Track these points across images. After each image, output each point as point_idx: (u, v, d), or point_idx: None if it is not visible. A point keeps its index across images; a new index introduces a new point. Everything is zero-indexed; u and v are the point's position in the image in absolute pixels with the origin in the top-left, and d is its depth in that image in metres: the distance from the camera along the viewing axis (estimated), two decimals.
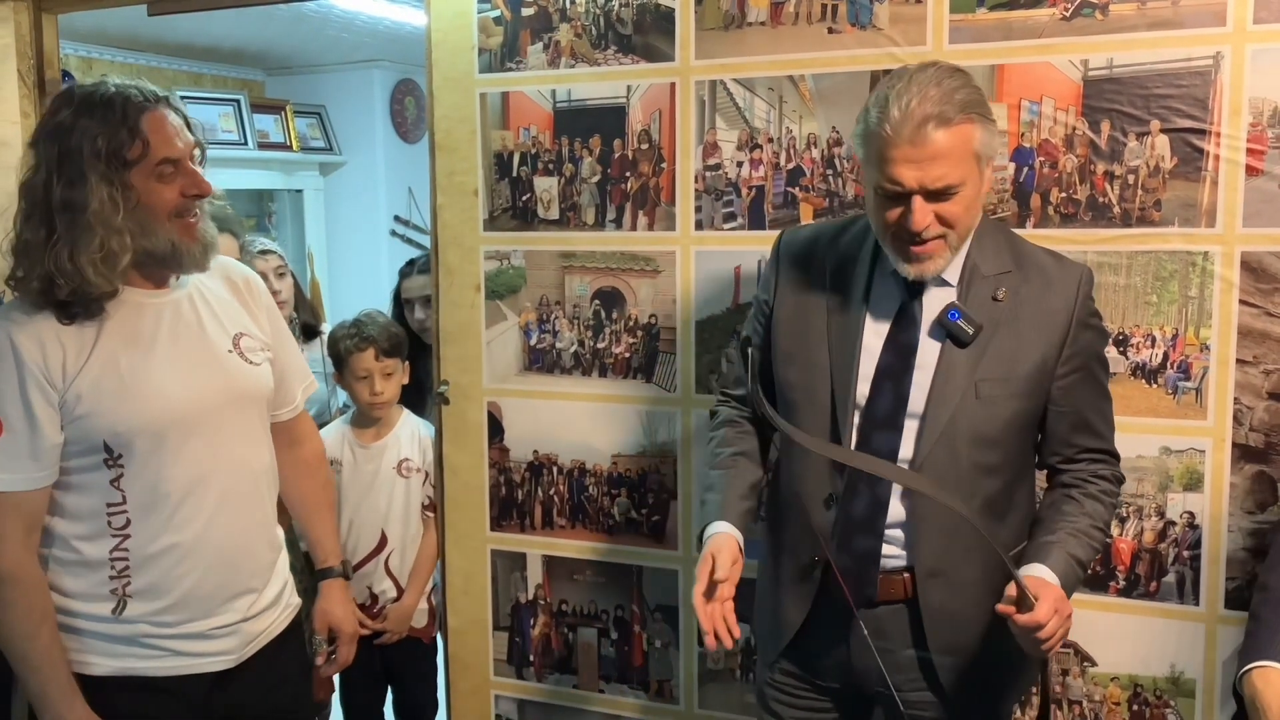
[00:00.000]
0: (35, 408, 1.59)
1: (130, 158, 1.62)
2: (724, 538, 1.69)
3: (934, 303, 1.67)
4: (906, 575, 1.68)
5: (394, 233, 5.73)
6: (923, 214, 1.56)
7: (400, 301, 3.15)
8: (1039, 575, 1.57)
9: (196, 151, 1.70)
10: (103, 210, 1.59)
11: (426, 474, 2.75)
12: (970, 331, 1.63)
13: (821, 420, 1.71)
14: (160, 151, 1.64)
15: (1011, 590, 1.52)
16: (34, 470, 1.62)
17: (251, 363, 1.81)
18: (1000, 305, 1.64)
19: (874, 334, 1.70)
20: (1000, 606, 1.51)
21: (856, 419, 1.68)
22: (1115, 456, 1.75)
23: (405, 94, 5.76)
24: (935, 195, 1.56)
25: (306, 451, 2.04)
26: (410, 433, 2.78)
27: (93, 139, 1.59)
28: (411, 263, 3.18)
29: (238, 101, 5.10)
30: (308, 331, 3.07)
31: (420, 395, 2.88)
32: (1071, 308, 1.65)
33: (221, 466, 1.73)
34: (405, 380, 2.80)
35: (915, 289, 1.68)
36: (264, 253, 2.99)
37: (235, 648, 1.76)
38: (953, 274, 1.67)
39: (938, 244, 1.60)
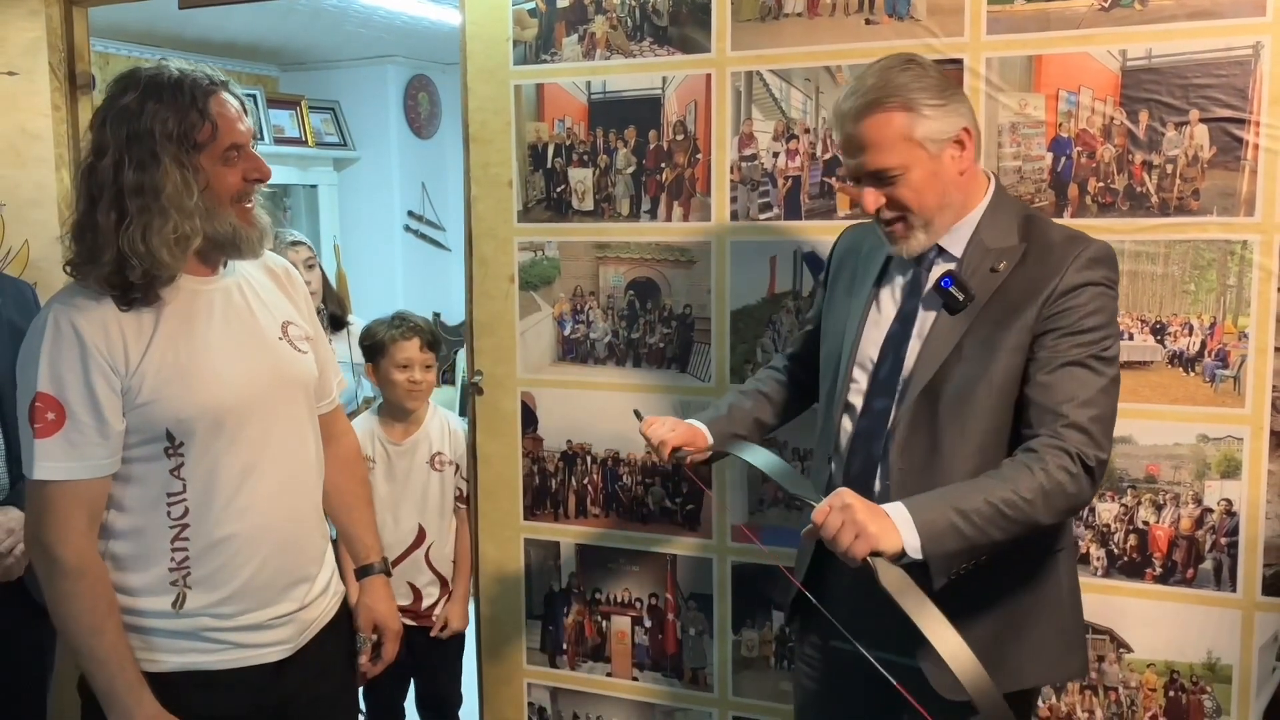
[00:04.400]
0: (99, 394, 1.59)
1: (200, 140, 1.61)
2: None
3: (938, 275, 1.73)
4: None
5: (408, 228, 5.75)
6: (869, 198, 1.68)
7: None
8: (888, 510, 1.52)
9: (253, 137, 1.71)
10: (176, 193, 1.58)
11: (457, 466, 2.76)
12: (961, 298, 1.67)
13: (830, 385, 1.83)
14: (228, 136, 1.64)
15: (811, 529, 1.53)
16: (98, 459, 1.61)
17: (299, 350, 1.82)
18: (997, 275, 1.67)
19: (889, 306, 1.78)
20: (804, 532, 1.54)
21: (866, 384, 1.76)
22: (1075, 427, 1.58)
23: (419, 89, 5.78)
24: (876, 180, 1.67)
25: (343, 447, 2.03)
26: (439, 425, 2.79)
27: (163, 121, 1.58)
28: None
29: (254, 97, 5.11)
30: (335, 323, 3.09)
31: None
32: (1062, 273, 1.63)
33: (276, 454, 1.73)
34: (435, 381, 2.80)
35: (922, 263, 1.75)
36: (295, 244, 3.01)
37: (291, 637, 1.76)
38: (958, 248, 1.72)
39: (899, 226, 1.70)
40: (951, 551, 1.53)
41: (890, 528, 1.48)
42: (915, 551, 1.49)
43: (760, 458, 1.67)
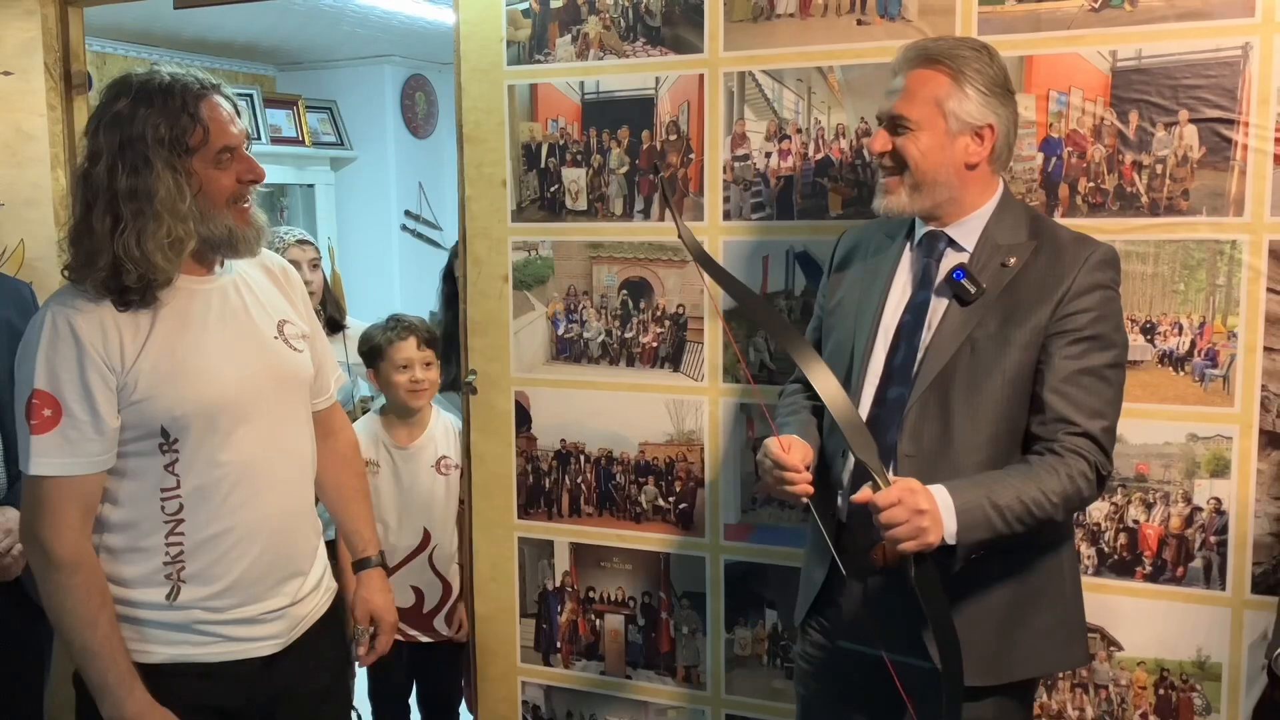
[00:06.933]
0: (94, 392, 1.60)
1: (192, 144, 1.63)
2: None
3: (949, 267, 1.76)
4: None
5: (404, 227, 5.75)
6: (879, 138, 1.76)
7: (453, 279, 3.08)
8: (933, 492, 1.58)
9: (246, 139, 1.73)
10: (169, 197, 1.60)
11: (461, 469, 2.75)
12: (972, 290, 1.71)
13: (843, 378, 1.82)
14: (220, 139, 1.66)
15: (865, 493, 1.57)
16: (92, 455, 1.63)
17: (295, 349, 1.83)
18: (1008, 270, 1.72)
19: (900, 299, 1.81)
20: (856, 496, 1.58)
21: (879, 374, 1.78)
22: (1090, 438, 1.66)
23: (415, 89, 5.78)
24: (893, 125, 1.74)
25: (341, 442, 2.05)
26: (444, 429, 2.78)
27: (155, 126, 1.60)
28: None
29: (250, 96, 5.12)
30: (332, 325, 3.09)
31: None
32: (1074, 274, 1.69)
33: (271, 451, 1.74)
34: (439, 379, 2.80)
35: (933, 254, 1.77)
36: (301, 242, 3.01)
37: (283, 631, 1.78)
38: (970, 241, 1.76)
39: (893, 179, 1.76)
40: (979, 541, 1.61)
41: (938, 522, 1.55)
42: (951, 537, 1.57)
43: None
